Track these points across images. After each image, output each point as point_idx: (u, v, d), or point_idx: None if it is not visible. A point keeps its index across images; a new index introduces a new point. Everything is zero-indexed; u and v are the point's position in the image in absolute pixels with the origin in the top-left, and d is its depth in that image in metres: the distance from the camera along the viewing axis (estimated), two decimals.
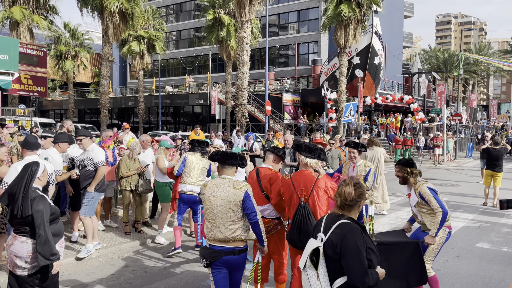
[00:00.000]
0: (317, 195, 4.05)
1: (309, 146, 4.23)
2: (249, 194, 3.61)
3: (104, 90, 23.48)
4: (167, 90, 38.60)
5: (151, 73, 44.30)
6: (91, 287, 5.14)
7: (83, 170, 6.24)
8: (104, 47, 23.01)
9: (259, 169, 4.66)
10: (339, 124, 23.32)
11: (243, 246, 3.65)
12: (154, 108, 38.75)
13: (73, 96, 37.51)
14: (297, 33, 37.68)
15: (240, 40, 18.98)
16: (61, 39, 35.00)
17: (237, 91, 20.20)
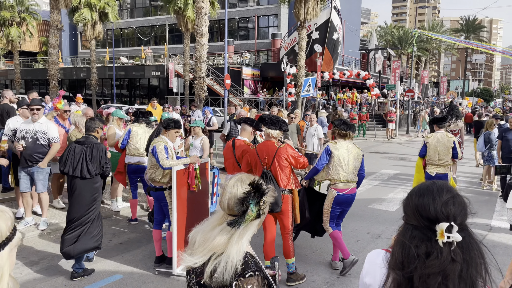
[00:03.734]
0: (278, 163, 4.42)
1: (272, 118, 4.56)
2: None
3: (52, 60, 22.15)
4: (122, 61, 37.06)
5: (104, 43, 42.28)
6: (43, 264, 4.95)
7: (32, 143, 5.89)
8: (52, 13, 21.55)
9: (235, 141, 5.07)
10: (298, 99, 23.50)
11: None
12: (108, 80, 37.19)
13: (19, 65, 35.13)
14: (257, 5, 37.07)
15: (198, 10, 18.36)
16: (4, 4, 32.39)
17: (195, 63, 19.70)
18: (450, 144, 6.16)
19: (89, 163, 4.58)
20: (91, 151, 4.63)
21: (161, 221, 5.08)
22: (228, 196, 1.58)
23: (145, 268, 4.91)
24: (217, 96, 28.43)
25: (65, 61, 43.04)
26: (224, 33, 37.25)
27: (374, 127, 22.95)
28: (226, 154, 5.20)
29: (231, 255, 1.48)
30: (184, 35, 28.55)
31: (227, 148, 5.19)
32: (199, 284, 1.55)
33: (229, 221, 1.52)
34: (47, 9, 43.87)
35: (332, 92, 31.61)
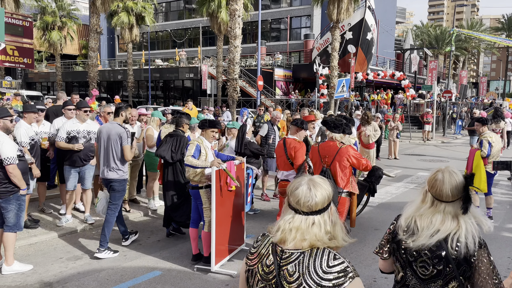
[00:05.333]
0: (338, 163, 4.76)
1: (335, 122, 4.88)
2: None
3: (92, 63, 22.99)
4: (157, 63, 37.94)
5: (140, 46, 43.40)
6: (85, 259, 5.18)
7: (86, 142, 6.20)
8: (92, 18, 22.37)
9: (285, 139, 5.39)
10: (331, 100, 23.28)
11: None
12: (143, 82, 38.16)
13: (60, 68, 36.67)
14: (289, 7, 37.01)
15: (232, 12, 18.54)
16: (47, 9, 33.92)
17: (228, 65, 19.90)
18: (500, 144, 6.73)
19: (173, 152, 5.60)
20: (178, 142, 5.63)
21: (197, 220, 5.18)
22: (448, 186, 1.93)
23: (183, 265, 5.03)
24: (249, 97, 28.59)
25: (103, 64, 44.53)
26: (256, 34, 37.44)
27: (410, 129, 22.39)
28: (277, 152, 5.53)
29: (471, 231, 1.89)
30: (217, 37, 28.90)
31: (278, 146, 5.51)
32: (438, 257, 1.92)
33: (462, 207, 1.91)
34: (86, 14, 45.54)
35: (366, 93, 31.10)
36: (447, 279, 1.93)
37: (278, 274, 1.56)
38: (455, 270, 1.90)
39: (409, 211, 2.05)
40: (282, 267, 1.57)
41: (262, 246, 1.67)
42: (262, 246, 1.67)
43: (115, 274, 4.74)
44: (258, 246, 1.69)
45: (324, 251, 1.56)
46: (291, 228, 1.56)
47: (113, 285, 4.48)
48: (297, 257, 1.56)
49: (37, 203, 6.96)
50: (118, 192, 5.34)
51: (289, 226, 1.56)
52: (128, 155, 5.30)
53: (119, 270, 4.87)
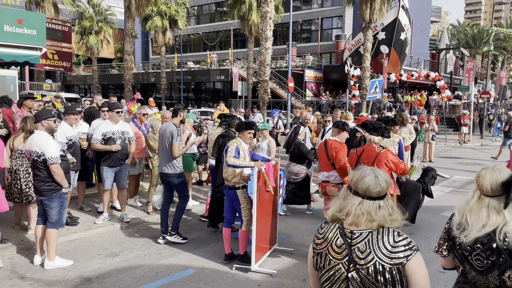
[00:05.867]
0: (377, 167, 4.64)
1: (374, 125, 4.91)
2: None
3: (127, 66, 23.65)
4: (189, 66, 38.58)
5: (173, 49, 44.25)
6: (123, 256, 5.34)
7: (122, 142, 6.42)
8: (127, 22, 23.02)
9: (327, 141, 5.45)
10: (362, 101, 22.94)
11: None
12: (176, 84, 38.89)
13: (96, 71, 37.94)
14: (320, 8, 36.76)
15: (263, 15, 18.63)
16: (85, 14, 35.20)
17: (259, 67, 19.99)
18: None
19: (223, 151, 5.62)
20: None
21: (231, 220, 5.25)
22: (488, 181, 2.07)
23: (215, 265, 5.10)
24: (280, 99, 28.57)
25: (137, 67, 45.69)
26: (286, 36, 37.40)
27: (445, 131, 21.73)
28: (319, 153, 5.59)
29: None
30: (248, 40, 29.06)
31: (320, 148, 5.59)
32: (490, 249, 2.03)
33: (505, 202, 2.04)
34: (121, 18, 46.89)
35: (399, 94, 30.43)
36: (502, 269, 2.04)
37: (350, 252, 1.83)
38: (508, 260, 2.01)
39: (461, 207, 2.20)
40: (353, 246, 1.83)
41: (328, 231, 1.93)
42: (328, 231, 1.93)
43: (151, 272, 4.87)
44: (324, 232, 1.94)
45: (389, 230, 1.83)
46: (363, 212, 1.82)
47: (149, 282, 4.60)
48: (366, 236, 1.82)
49: (76, 201, 7.24)
50: (179, 184, 5.76)
51: (361, 210, 1.82)
52: (175, 152, 5.62)
53: (154, 267, 5.00)
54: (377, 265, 1.77)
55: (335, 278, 1.87)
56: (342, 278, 1.85)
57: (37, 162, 4.67)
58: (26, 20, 9.99)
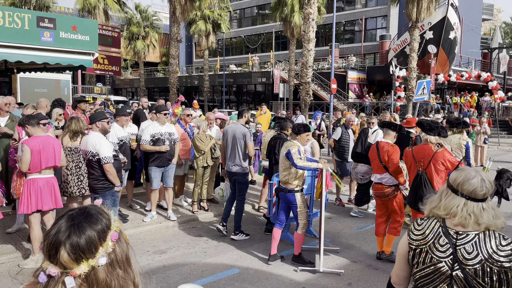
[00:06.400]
0: (434, 166, 4.74)
1: (430, 124, 4.84)
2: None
3: (172, 69, 24.34)
4: (231, 68, 39.10)
5: (215, 52, 45.02)
6: (170, 253, 5.50)
7: (170, 143, 6.63)
8: (172, 27, 23.70)
9: (378, 143, 5.44)
10: (408, 103, 22.25)
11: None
12: (218, 87, 39.52)
13: (143, 75, 39.31)
14: (364, 8, 36.07)
15: (306, 16, 18.54)
16: (132, 20, 36.63)
17: (301, 69, 19.91)
18: None
19: (277, 153, 5.98)
20: (280, 145, 5.86)
21: (284, 221, 5.31)
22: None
23: (260, 265, 5.14)
24: (321, 100, 28.30)
25: (181, 70, 46.90)
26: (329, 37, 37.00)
27: (498, 134, 20.61)
28: (371, 155, 5.56)
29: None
30: (289, 42, 29.04)
31: (371, 150, 5.56)
32: None
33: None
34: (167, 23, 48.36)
35: (448, 96, 29.24)
36: None
37: (455, 251, 1.86)
38: None
39: None
40: (458, 246, 1.86)
41: (427, 228, 1.95)
42: (426, 228, 1.95)
43: (197, 269, 4.98)
44: (422, 229, 1.96)
45: (495, 233, 1.85)
46: (469, 213, 1.85)
47: (195, 279, 4.71)
48: (472, 237, 1.84)
49: (126, 200, 7.54)
50: (242, 184, 6.07)
51: (467, 212, 1.85)
52: (251, 151, 6.08)
53: (200, 265, 5.11)
54: (485, 267, 1.80)
55: (436, 275, 1.90)
56: (445, 276, 1.88)
57: (91, 161, 4.92)
58: (80, 27, 10.52)
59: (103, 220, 1.17)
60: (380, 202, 5.45)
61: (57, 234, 1.13)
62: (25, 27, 9.39)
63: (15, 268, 4.83)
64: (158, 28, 38.72)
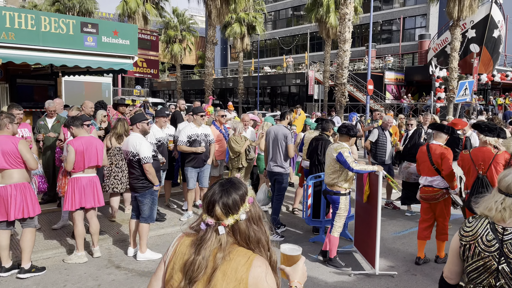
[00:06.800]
0: (495, 169, 4.59)
1: (488, 125, 4.70)
2: None
3: (208, 72, 24.72)
4: (265, 70, 39.23)
5: (250, 54, 45.32)
6: None
7: (206, 144, 6.74)
8: (208, 30, 24.12)
9: (429, 145, 5.31)
10: (449, 104, 21.49)
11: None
12: (252, 89, 39.75)
13: (180, 77, 40.15)
14: (402, 7, 35.21)
15: (342, 17, 18.34)
16: (170, 24, 37.52)
17: (336, 70, 19.70)
18: None
19: (319, 154, 6.10)
20: (322, 145, 6.06)
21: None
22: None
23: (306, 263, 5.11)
24: (357, 102, 27.85)
25: (216, 72, 47.55)
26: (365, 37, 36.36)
27: None
28: (420, 158, 5.41)
29: None
30: (325, 42, 28.79)
31: (421, 152, 5.42)
32: None
33: None
34: (203, 26, 49.19)
35: (491, 97, 27.99)
36: None
37: (501, 246, 1.97)
38: None
39: None
40: (505, 241, 1.97)
41: (477, 225, 2.06)
42: (476, 225, 2.07)
43: None
44: (472, 226, 2.08)
45: None
46: (504, 207, 1.99)
47: None
48: None
49: (163, 199, 7.72)
50: (282, 184, 6.17)
51: (502, 206, 1.99)
52: (291, 153, 6.18)
53: None
54: None
55: (484, 269, 2.03)
56: (492, 270, 2.01)
57: (132, 161, 5.08)
58: (121, 32, 10.87)
59: (243, 188, 1.61)
60: (427, 205, 5.30)
61: (213, 195, 1.58)
62: (70, 33, 9.82)
63: (60, 263, 5.06)
64: (194, 32, 39.44)
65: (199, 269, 1.52)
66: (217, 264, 1.51)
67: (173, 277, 1.59)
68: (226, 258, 1.52)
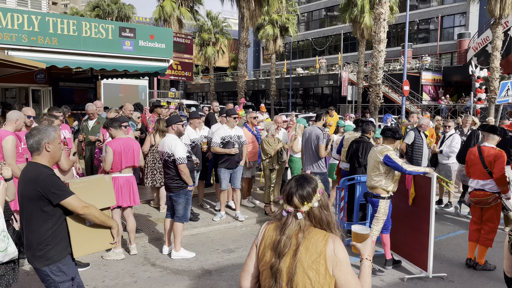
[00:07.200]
0: None
1: None
2: None
3: (241, 74, 24.90)
4: (298, 72, 39.07)
5: (282, 56, 45.27)
6: (238, 252, 5.64)
7: (239, 146, 6.82)
8: (241, 32, 24.29)
9: (481, 147, 5.18)
10: (490, 105, 20.63)
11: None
12: (284, 90, 39.67)
13: (213, 79, 40.67)
14: (440, 5, 34.11)
15: (376, 16, 17.99)
16: (204, 27, 38.11)
17: (371, 70, 19.34)
18: None
19: (360, 157, 6.05)
20: (364, 148, 6.00)
21: (390, 225, 5.22)
22: None
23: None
24: (392, 103, 27.22)
25: (249, 74, 47.81)
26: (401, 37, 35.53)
27: None
28: (470, 160, 5.31)
29: None
30: (359, 43, 28.35)
31: (472, 154, 5.31)
32: None
33: None
34: (235, 29, 49.63)
35: None
36: None
37: None
38: None
39: None
40: None
41: None
42: None
43: None
44: None
45: None
46: None
47: None
48: None
49: (197, 199, 7.86)
50: (322, 183, 5.98)
51: None
52: (322, 153, 6.34)
53: None
54: None
55: None
56: None
57: (167, 161, 5.21)
58: (157, 35, 11.19)
59: (314, 182, 2.01)
60: (477, 209, 5.19)
61: (291, 189, 1.98)
62: (109, 37, 10.20)
63: (99, 259, 5.25)
64: (227, 34, 39.88)
65: (285, 246, 1.91)
66: (299, 241, 1.90)
67: (265, 255, 1.99)
68: (306, 236, 1.91)
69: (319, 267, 1.85)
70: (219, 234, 6.45)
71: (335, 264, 1.85)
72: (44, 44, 9.06)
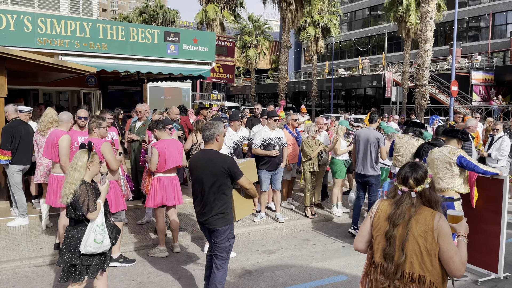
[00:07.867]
0: None
1: None
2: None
3: (282, 75, 24.94)
4: (339, 73, 38.52)
5: (324, 57, 44.82)
6: (278, 254, 5.66)
7: (280, 148, 6.84)
8: (282, 34, 24.34)
9: None
10: None
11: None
12: (325, 91, 39.24)
13: (254, 81, 40.96)
14: (491, 2, 32.45)
15: (423, 15, 17.42)
16: (245, 29, 38.50)
17: (417, 70, 18.74)
18: None
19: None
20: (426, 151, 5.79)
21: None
22: None
23: None
24: (439, 104, 26.20)
25: (290, 76, 47.73)
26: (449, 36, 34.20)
27: None
28: None
29: None
30: (404, 42, 27.57)
31: None
32: None
33: None
34: (277, 31, 49.70)
35: None
36: None
37: None
38: None
39: None
40: None
41: None
42: None
43: (304, 272, 5.05)
44: None
45: None
46: None
47: (303, 282, 4.78)
48: None
49: None
50: (374, 185, 6.41)
51: None
52: (384, 155, 6.42)
53: (308, 269, 5.16)
54: None
55: None
56: None
57: None
58: (200, 39, 11.44)
59: (424, 168, 2.43)
60: None
61: (406, 173, 2.42)
62: (155, 42, 10.56)
63: (145, 256, 5.46)
64: (269, 36, 40.05)
65: (399, 217, 2.37)
66: (411, 215, 2.35)
67: (379, 224, 2.46)
68: (417, 211, 2.36)
69: (427, 236, 2.29)
70: (259, 235, 6.50)
71: (439, 234, 2.28)
72: (94, 49, 9.52)
